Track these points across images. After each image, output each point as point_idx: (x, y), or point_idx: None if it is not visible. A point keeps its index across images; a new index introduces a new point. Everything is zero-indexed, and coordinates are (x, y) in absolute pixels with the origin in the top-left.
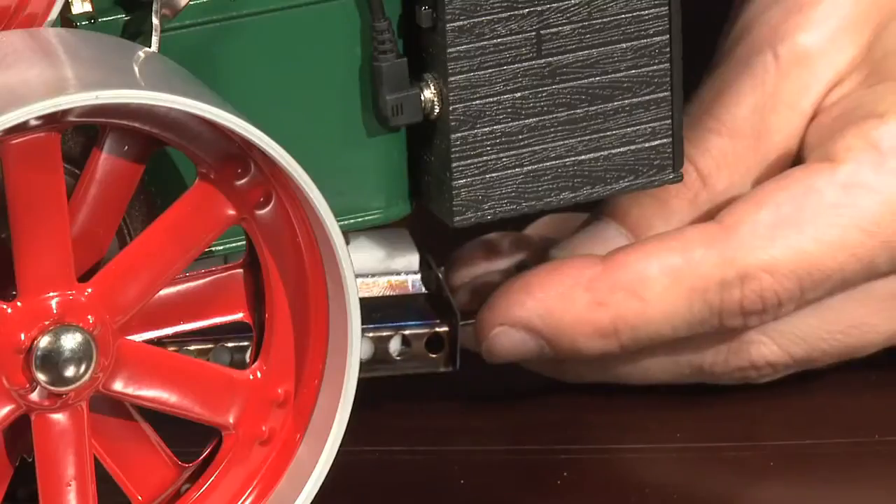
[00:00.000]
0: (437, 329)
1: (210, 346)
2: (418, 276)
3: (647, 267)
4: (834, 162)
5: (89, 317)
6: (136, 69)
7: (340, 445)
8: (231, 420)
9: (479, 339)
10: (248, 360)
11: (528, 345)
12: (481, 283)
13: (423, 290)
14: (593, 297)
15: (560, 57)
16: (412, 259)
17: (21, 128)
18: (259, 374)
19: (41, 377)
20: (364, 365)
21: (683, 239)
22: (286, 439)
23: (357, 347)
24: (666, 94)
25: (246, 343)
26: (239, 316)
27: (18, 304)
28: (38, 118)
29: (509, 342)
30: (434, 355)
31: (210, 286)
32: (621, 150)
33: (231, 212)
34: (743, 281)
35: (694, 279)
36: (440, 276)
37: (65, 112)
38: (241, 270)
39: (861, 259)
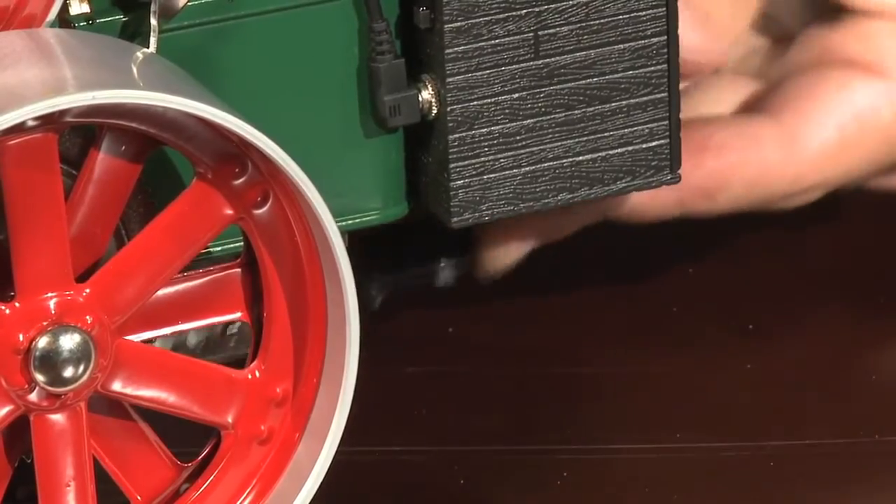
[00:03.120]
0: None
1: None
2: None
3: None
4: None
5: (87, 317)
6: (134, 69)
7: (340, 445)
8: (230, 419)
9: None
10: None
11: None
12: None
13: None
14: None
15: (558, 58)
16: None
17: (18, 128)
18: (257, 374)
19: (40, 378)
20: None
21: None
22: (285, 438)
23: (356, 346)
24: (663, 94)
25: None
26: (237, 315)
27: (17, 304)
28: (35, 118)
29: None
30: None
31: (208, 286)
32: (619, 150)
33: (229, 211)
34: None
35: None
36: None
37: (62, 112)
38: (238, 270)
39: None
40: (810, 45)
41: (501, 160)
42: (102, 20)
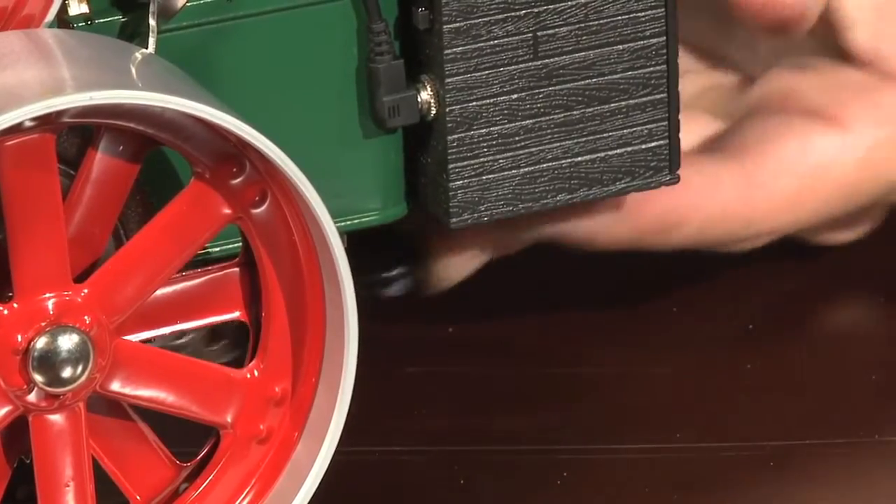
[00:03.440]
0: None
1: None
2: None
3: None
4: None
5: (86, 317)
6: (132, 70)
7: (340, 446)
8: (229, 419)
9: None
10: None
11: None
12: None
13: None
14: None
15: (557, 59)
16: None
17: (16, 129)
18: (256, 373)
19: (38, 378)
20: None
21: None
22: (284, 438)
23: (355, 344)
24: (662, 95)
25: None
26: (235, 315)
27: (15, 305)
28: (32, 119)
29: None
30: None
31: (206, 285)
32: (618, 151)
33: (226, 211)
34: None
35: None
36: None
37: (59, 113)
38: (237, 269)
39: None
40: (775, 88)
41: (500, 161)
42: (101, 21)
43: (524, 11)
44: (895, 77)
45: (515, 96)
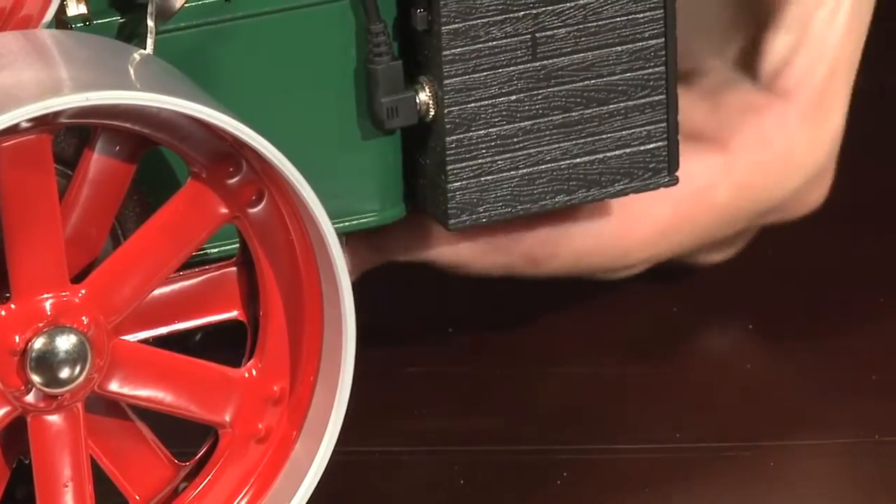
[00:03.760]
0: None
1: None
2: None
3: None
4: None
5: (83, 318)
6: (129, 70)
7: (340, 445)
8: (227, 418)
9: None
10: None
11: None
12: None
13: None
14: None
15: (555, 60)
16: None
17: (13, 129)
18: (254, 372)
19: (36, 379)
20: None
21: None
22: (282, 437)
23: (352, 343)
24: (661, 97)
25: None
26: (233, 314)
27: (12, 306)
28: (29, 120)
29: None
30: None
31: (204, 285)
32: (616, 153)
33: (223, 210)
34: None
35: None
36: None
37: (56, 113)
38: (234, 269)
39: None
40: None
41: (499, 162)
42: (99, 21)
43: (523, 13)
44: (786, 97)
45: (514, 97)
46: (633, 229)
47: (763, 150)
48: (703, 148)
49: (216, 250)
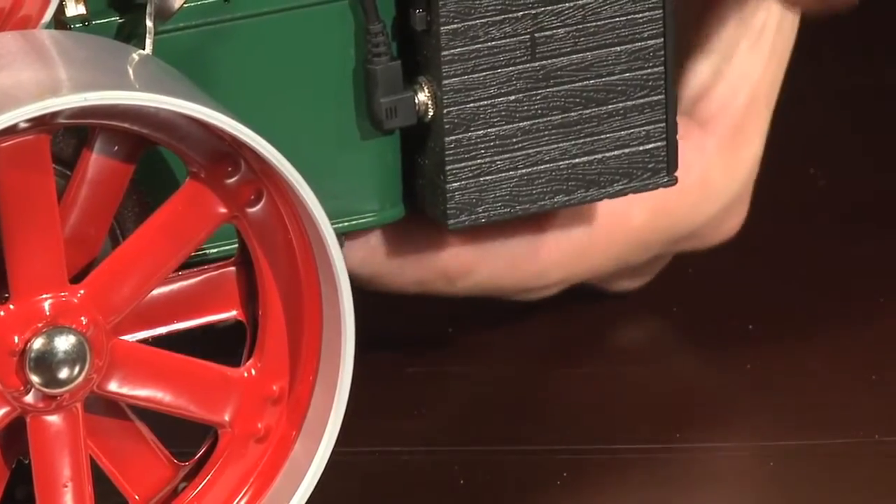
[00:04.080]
0: None
1: None
2: None
3: None
4: None
5: (82, 318)
6: (128, 71)
7: (339, 445)
8: (227, 418)
9: None
10: None
11: None
12: None
13: None
14: None
15: (554, 60)
16: None
17: (11, 130)
18: (253, 372)
19: (35, 379)
20: None
21: None
22: (282, 436)
23: (351, 343)
24: (660, 97)
25: None
26: (232, 314)
27: (11, 306)
28: (28, 120)
29: None
30: None
31: (203, 284)
32: (615, 153)
33: (222, 210)
34: None
35: None
36: None
37: (55, 114)
38: (233, 268)
39: None
40: None
41: (498, 162)
42: (98, 22)
43: (522, 13)
44: (704, 125)
45: (513, 98)
46: (548, 249)
47: (680, 176)
48: None
49: (215, 250)
